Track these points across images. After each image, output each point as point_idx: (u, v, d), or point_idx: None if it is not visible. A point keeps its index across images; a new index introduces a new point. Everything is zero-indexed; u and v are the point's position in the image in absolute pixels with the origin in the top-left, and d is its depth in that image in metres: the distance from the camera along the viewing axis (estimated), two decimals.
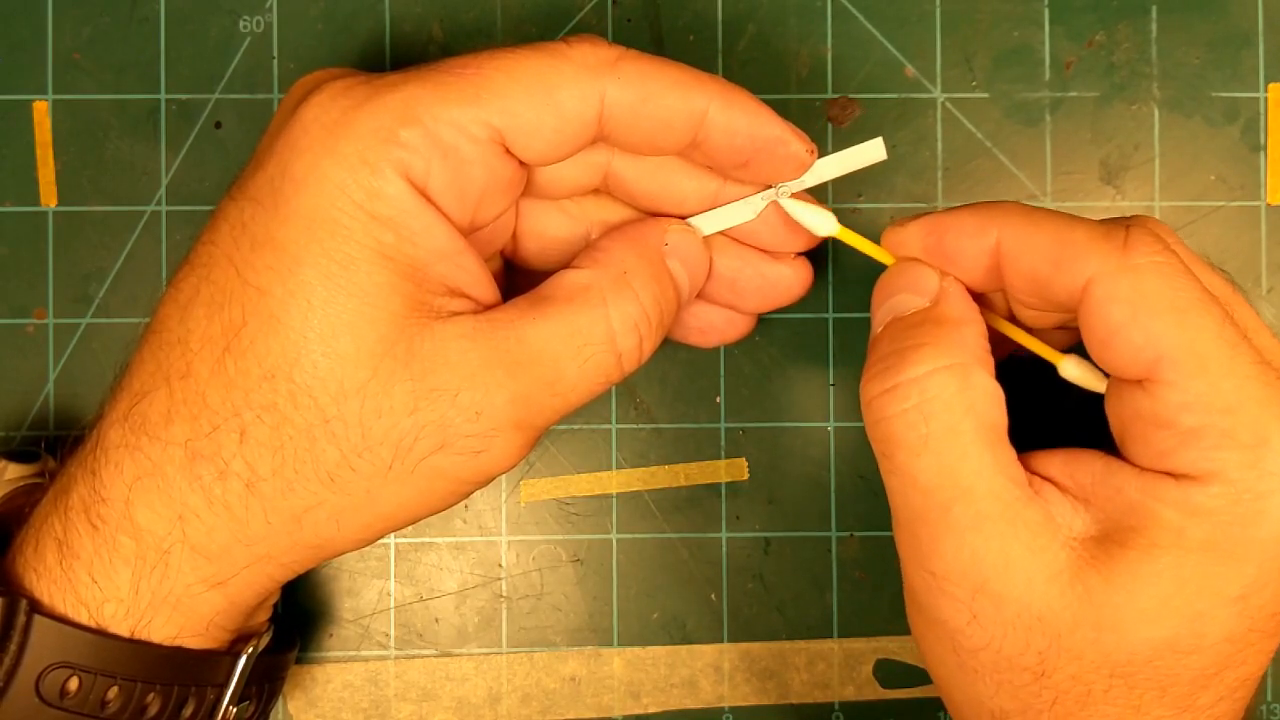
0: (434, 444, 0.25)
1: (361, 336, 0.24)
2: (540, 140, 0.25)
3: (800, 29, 0.35)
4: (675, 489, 0.35)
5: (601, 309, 0.26)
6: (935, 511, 0.25)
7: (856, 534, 0.35)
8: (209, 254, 0.25)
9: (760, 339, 0.35)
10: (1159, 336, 0.24)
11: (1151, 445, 0.24)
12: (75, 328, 0.34)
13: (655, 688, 0.35)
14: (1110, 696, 0.24)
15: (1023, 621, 0.24)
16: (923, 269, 0.27)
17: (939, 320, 0.26)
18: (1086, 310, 0.25)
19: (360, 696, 0.34)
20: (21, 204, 0.34)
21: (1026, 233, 0.25)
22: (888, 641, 0.35)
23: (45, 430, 0.34)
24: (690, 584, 0.35)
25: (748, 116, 0.27)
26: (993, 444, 0.25)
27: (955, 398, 0.25)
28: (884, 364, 0.26)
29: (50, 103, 0.35)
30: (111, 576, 0.25)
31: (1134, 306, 0.24)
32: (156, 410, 0.25)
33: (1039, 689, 0.24)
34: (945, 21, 0.35)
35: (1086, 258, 0.24)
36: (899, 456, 0.25)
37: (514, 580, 0.35)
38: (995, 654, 0.25)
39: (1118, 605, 0.24)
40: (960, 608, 0.25)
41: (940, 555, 0.25)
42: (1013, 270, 0.26)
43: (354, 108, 0.24)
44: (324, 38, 0.35)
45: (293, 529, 0.25)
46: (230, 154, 0.35)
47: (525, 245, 0.30)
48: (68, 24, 0.35)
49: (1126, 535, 0.24)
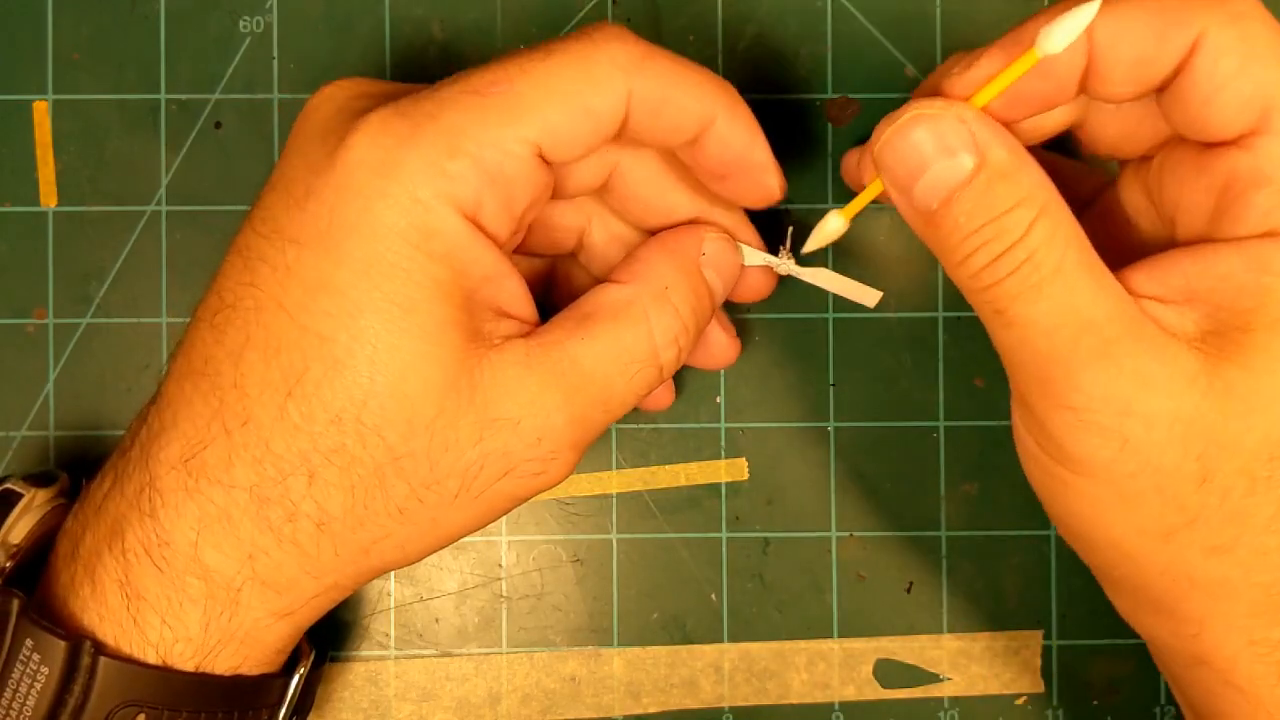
0: (499, 471, 0.25)
1: (427, 376, 0.24)
2: (577, 146, 0.25)
3: (800, 29, 0.35)
4: (675, 489, 0.35)
5: (645, 325, 0.27)
6: (1064, 348, 0.24)
7: (856, 534, 0.35)
8: (253, 296, 0.25)
9: (760, 339, 0.35)
10: (1268, 84, 0.23)
11: (1253, 208, 0.24)
12: (75, 328, 0.34)
13: (655, 688, 0.35)
14: (1274, 480, 0.24)
15: (1176, 432, 0.24)
16: (934, 123, 0.25)
17: (1005, 174, 0.25)
18: (1192, 71, 0.24)
19: (360, 696, 0.34)
20: (21, 204, 0.34)
21: (1121, 18, 0.24)
22: (888, 641, 0.35)
23: (45, 430, 0.34)
24: (690, 584, 0.35)
25: (745, 136, 0.27)
26: (1096, 272, 0.25)
27: (1055, 239, 0.24)
28: (979, 239, 0.25)
29: (50, 103, 0.35)
30: (181, 618, 0.25)
31: (1243, 55, 0.23)
32: (215, 456, 0.25)
33: (1205, 494, 0.24)
34: (945, 21, 0.35)
35: (1191, 17, 0.24)
36: (1015, 309, 0.25)
37: (514, 580, 0.35)
38: (1155, 472, 0.24)
39: (1262, 389, 0.24)
40: (1110, 436, 0.24)
41: (1078, 388, 0.24)
42: (1111, 59, 0.25)
43: (398, 146, 0.24)
44: (324, 38, 0.35)
45: (360, 559, 0.26)
46: (230, 154, 0.35)
47: (533, 235, 0.30)
48: (68, 24, 0.35)
49: (1246, 318, 0.24)
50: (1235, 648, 0.25)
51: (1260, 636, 0.25)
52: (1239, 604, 0.25)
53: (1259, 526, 0.24)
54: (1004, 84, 0.25)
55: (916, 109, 0.25)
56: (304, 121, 0.26)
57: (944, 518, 0.35)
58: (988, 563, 0.35)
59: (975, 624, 0.35)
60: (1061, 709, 0.35)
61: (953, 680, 0.35)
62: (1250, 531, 0.24)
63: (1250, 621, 0.25)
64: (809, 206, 0.35)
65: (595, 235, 0.31)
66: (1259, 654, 0.25)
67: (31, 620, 0.24)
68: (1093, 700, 0.35)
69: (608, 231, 0.31)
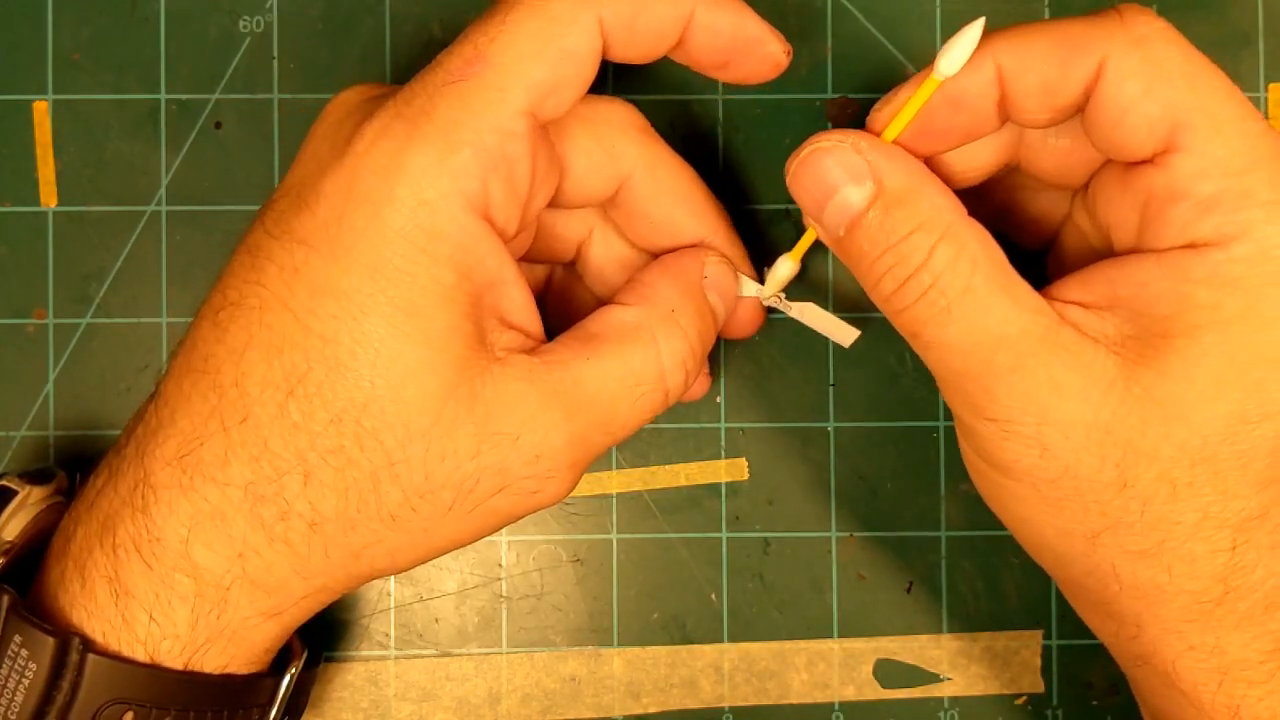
0: (494, 486, 0.25)
1: (427, 383, 0.24)
2: (567, 91, 0.25)
3: (800, 29, 0.35)
4: (675, 489, 0.35)
5: (653, 348, 0.27)
6: (978, 367, 0.25)
7: (856, 534, 0.35)
8: (258, 295, 0.25)
9: (760, 339, 0.35)
10: (1174, 104, 0.24)
11: (1171, 223, 0.24)
12: (75, 328, 0.34)
13: (655, 688, 0.35)
14: (1195, 488, 0.24)
15: (1093, 439, 0.24)
16: (834, 154, 0.26)
17: (901, 200, 0.26)
18: (1099, 96, 0.25)
19: (360, 696, 0.34)
20: (21, 204, 0.34)
21: (1024, 47, 0.25)
22: (888, 641, 0.35)
23: (45, 430, 0.34)
24: (690, 584, 0.35)
25: (731, 15, 0.27)
26: (1006, 286, 0.25)
27: (959, 261, 0.25)
28: (882, 265, 0.26)
29: (50, 103, 0.35)
30: (169, 615, 0.25)
31: (1147, 78, 0.24)
32: (212, 453, 0.25)
33: (1125, 500, 0.25)
34: (945, 21, 0.35)
35: (1092, 44, 0.24)
36: (928, 333, 0.25)
37: (514, 580, 0.35)
38: (1075, 479, 0.25)
39: (1177, 395, 0.24)
40: (1029, 444, 0.25)
41: (995, 401, 0.25)
42: (1019, 89, 0.25)
43: (400, 150, 0.24)
44: (324, 38, 0.35)
45: (350, 563, 0.26)
46: (230, 154, 0.35)
47: (535, 241, 0.30)
48: (68, 24, 0.35)
49: (1164, 325, 0.24)
50: (1175, 651, 0.25)
51: (1197, 642, 0.25)
52: (1170, 608, 0.25)
53: (1183, 533, 0.24)
54: (911, 112, 0.26)
55: (815, 142, 0.26)
56: (318, 125, 0.27)
57: (944, 518, 0.35)
58: (988, 563, 0.35)
59: (975, 624, 0.35)
60: (1061, 709, 0.35)
61: (953, 680, 0.35)
62: (1175, 538, 0.25)
63: (1185, 626, 0.25)
64: None
65: (594, 249, 0.31)
66: (1198, 659, 0.25)
67: (20, 616, 0.24)
68: (1092, 700, 0.35)
69: (607, 248, 0.31)
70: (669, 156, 0.29)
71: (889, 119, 0.27)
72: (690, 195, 0.29)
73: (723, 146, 0.35)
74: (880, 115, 0.27)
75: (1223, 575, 0.25)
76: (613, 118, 0.28)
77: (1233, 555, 0.24)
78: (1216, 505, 0.24)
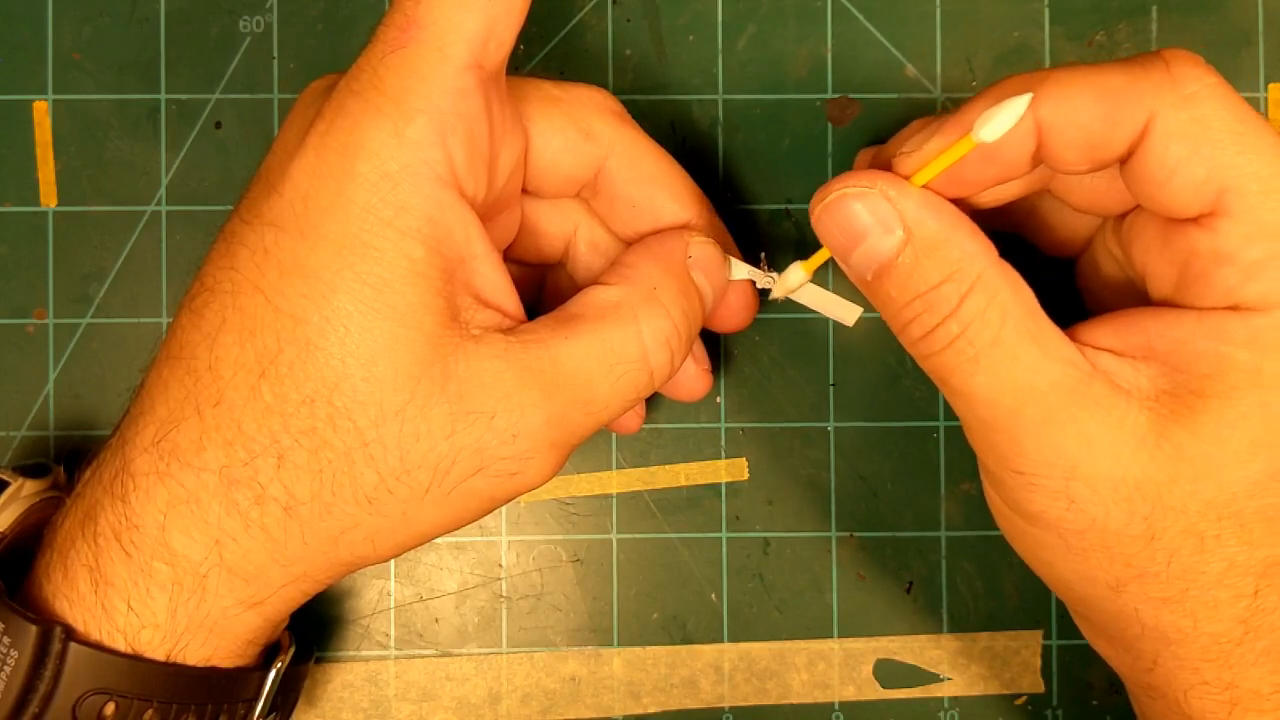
0: (471, 467, 0.25)
1: (398, 359, 0.24)
2: (505, 34, 0.25)
3: (800, 29, 0.35)
4: (675, 489, 0.35)
5: (634, 326, 0.26)
6: (1006, 418, 0.25)
7: (856, 534, 0.35)
8: (231, 280, 0.25)
9: (760, 339, 0.35)
10: (1223, 167, 0.23)
11: (1215, 285, 0.24)
12: (75, 328, 0.34)
13: (655, 688, 0.35)
14: (1222, 539, 0.24)
15: (1121, 494, 0.24)
16: (865, 199, 0.26)
17: (932, 249, 0.25)
18: (1144, 155, 0.24)
19: (360, 696, 0.34)
20: (21, 204, 0.34)
21: (1065, 101, 0.24)
22: (888, 641, 0.35)
23: (45, 430, 0.34)
24: (690, 584, 0.35)
25: None
26: (1037, 335, 0.25)
27: (989, 311, 0.25)
28: (910, 312, 0.25)
29: (50, 103, 0.35)
30: (148, 603, 0.25)
31: (1194, 139, 0.23)
32: (187, 437, 0.25)
33: (1152, 552, 0.24)
34: (945, 21, 0.35)
35: (1139, 100, 0.24)
36: (955, 381, 0.25)
37: (514, 580, 0.35)
38: (1101, 532, 0.25)
39: (1209, 455, 0.24)
40: (1056, 498, 0.25)
41: (1023, 455, 0.25)
42: (1059, 141, 0.25)
43: (357, 127, 0.24)
44: (324, 38, 0.35)
45: (329, 549, 0.25)
46: (230, 154, 0.35)
47: (522, 241, 0.30)
48: (68, 24, 0.35)
49: (1201, 383, 0.24)
50: (1188, 684, 0.26)
51: (1212, 677, 0.25)
52: (1191, 649, 0.25)
53: (1209, 582, 0.25)
54: (940, 168, 0.25)
55: (843, 185, 0.26)
56: (289, 115, 0.27)
57: (944, 518, 0.35)
58: (988, 563, 0.35)
59: (975, 624, 0.35)
60: (1061, 709, 0.35)
61: (953, 680, 0.35)
62: (1199, 586, 0.25)
63: (1203, 665, 0.25)
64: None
65: (581, 244, 0.31)
66: (1210, 692, 0.25)
67: (5, 604, 0.24)
68: (1093, 700, 0.35)
69: (593, 240, 0.31)
70: (645, 140, 0.29)
71: (917, 167, 0.26)
72: (669, 178, 0.29)
73: (723, 146, 0.35)
74: (908, 161, 0.26)
75: (1244, 618, 0.25)
76: (587, 100, 0.28)
77: (1255, 599, 0.25)
78: (1242, 555, 0.24)
